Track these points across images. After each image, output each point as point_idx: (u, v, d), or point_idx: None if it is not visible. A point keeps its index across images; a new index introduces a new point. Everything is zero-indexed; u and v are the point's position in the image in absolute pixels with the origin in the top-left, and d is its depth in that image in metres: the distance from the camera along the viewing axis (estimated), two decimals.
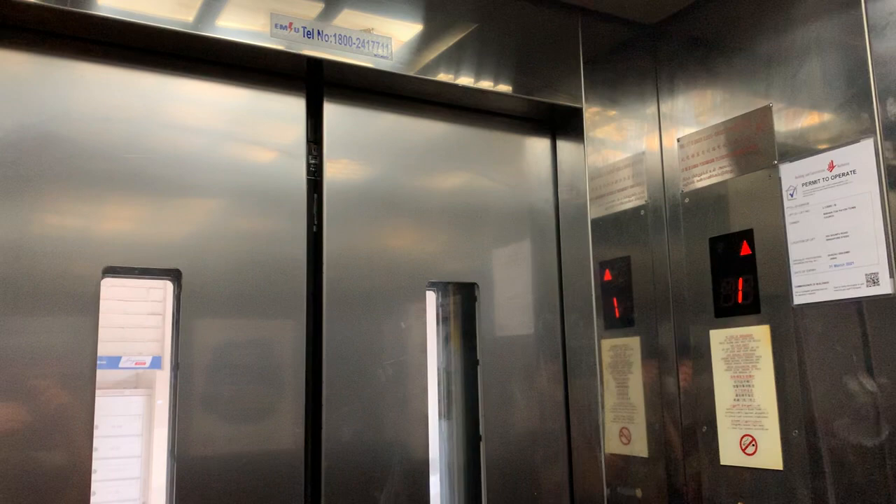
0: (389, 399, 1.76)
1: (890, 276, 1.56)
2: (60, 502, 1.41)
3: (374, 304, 1.77)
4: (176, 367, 1.56)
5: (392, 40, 1.76)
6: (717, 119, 1.97)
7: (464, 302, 1.99)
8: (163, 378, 6.09)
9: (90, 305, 1.48)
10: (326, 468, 1.65)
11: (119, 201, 1.55)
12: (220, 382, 1.59)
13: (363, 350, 1.74)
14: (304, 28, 1.65)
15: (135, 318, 6.26)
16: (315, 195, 1.75)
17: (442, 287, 2.01)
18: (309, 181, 1.75)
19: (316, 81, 1.79)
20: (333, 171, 1.77)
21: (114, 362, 6.00)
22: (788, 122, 1.80)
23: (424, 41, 1.82)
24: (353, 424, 1.70)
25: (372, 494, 1.70)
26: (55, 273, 1.46)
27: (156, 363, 6.17)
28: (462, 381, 1.97)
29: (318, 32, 1.68)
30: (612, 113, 2.18)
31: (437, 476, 1.96)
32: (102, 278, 1.50)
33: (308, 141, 1.76)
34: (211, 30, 1.57)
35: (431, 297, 1.99)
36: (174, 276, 1.59)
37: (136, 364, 6.11)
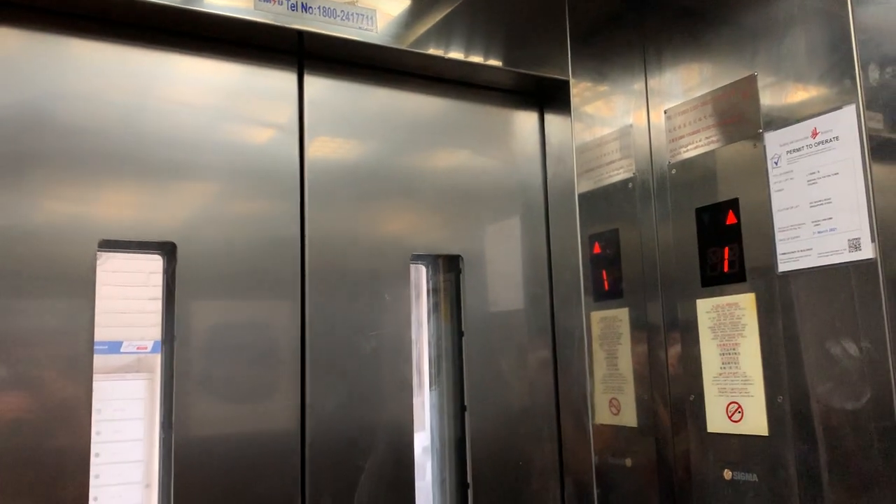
0: (374, 372, 1.77)
1: (871, 241, 1.57)
2: (61, 485, 1.42)
3: (358, 277, 1.78)
4: (171, 339, 1.58)
5: (377, 12, 1.77)
6: (704, 91, 1.97)
7: (451, 275, 2.00)
8: None
9: (87, 280, 1.49)
10: (311, 440, 1.67)
11: (114, 178, 1.55)
12: (213, 356, 1.61)
13: (346, 324, 1.75)
14: (289, 1, 1.66)
15: (135, 303, 6.28)
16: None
17: (431, 260, 2.02)
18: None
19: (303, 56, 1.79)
20: (315, 145, 1.78)
21: (115, 347, 6.03)
22: (773, 91, 1.80)
23: (410, 14, 1.83)
24: (338, 397, 1.71)
25: (356, 464, 1.72)
26: (51, 247, 1.47)
27: (157, 348, 6.20)
28: (450, 353, 1.99)
29: (303, 6, 1.68)
30: (601, 88, 2.18)
31: (429, 445, 1.98)
32: (98, 252, 1.51)
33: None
34: (195, 3, 1.57)
35: (420, 271, 2.01)
36: (169, 248, 1.60)
37: (137, 349, 6.14)
